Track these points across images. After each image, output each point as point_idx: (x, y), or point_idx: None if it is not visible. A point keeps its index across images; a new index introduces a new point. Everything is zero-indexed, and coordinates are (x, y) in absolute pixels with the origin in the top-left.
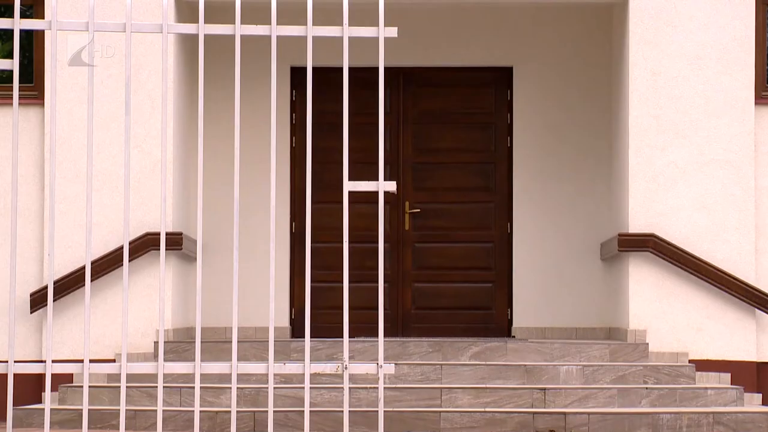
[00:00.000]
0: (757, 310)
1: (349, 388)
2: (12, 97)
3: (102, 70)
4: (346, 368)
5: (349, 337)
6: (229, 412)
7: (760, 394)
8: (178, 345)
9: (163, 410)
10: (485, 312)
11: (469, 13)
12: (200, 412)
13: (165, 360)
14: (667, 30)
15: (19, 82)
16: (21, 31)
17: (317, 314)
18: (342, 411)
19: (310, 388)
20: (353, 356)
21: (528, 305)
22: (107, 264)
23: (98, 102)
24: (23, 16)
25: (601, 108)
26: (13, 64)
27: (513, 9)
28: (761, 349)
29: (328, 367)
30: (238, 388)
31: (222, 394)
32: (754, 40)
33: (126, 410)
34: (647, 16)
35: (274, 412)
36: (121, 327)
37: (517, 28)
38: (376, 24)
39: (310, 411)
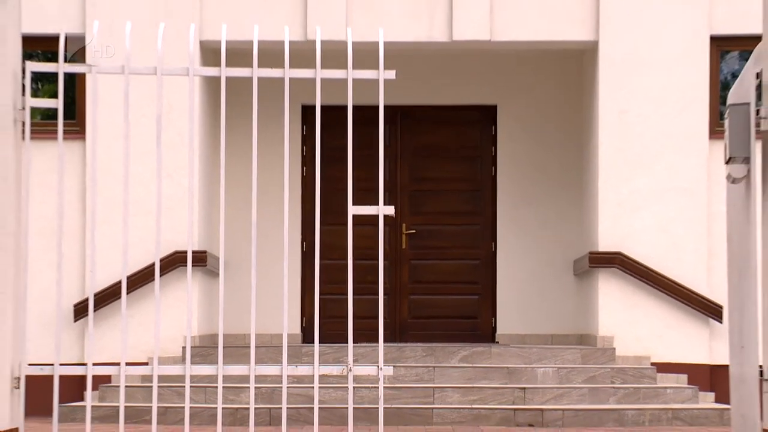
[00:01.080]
0: (710, 319)
1: (353, 387)
2: (57, 132)
3: (136, 110)
4: (350, 370)
5: (353, 342)
6: (248, 408)
7: (713, 393)
8: (204, 349)
9: (190, 407)
10: (472, 320)
11: (459, 57)
12: (222, 408)
13: (192, 363)
14: (632, 74)
15: (63, 119)
16: (64, 74)
17: (325, 323)
18: (347, 407)
19: (319, 387)
20: (356, 360)
21: (510, 315)
22: (141, 279)
23: (133, 138)
24: (66, 60)
25: (574, 142)
26: (58, 104)
27: (497, 54)
28: (714, 354)
29: (334, 370)
30: (255, 387)
31: (242, 393)
32: (709, 84)
33: (158, 407)
34: (614, 61)
35: (287, 408)
36: (153, 334)
37: (501, 71)
38: (377, 67)
39: (319, 407)
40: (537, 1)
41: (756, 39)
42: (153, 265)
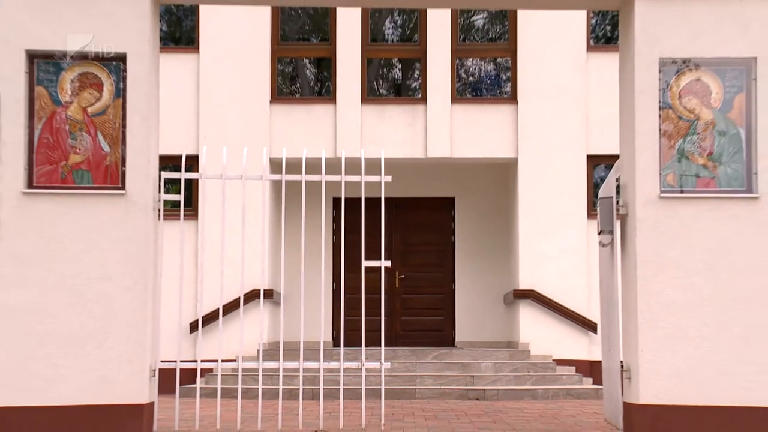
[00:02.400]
0: (589, 332)
1: (365, 375)
2: (179, 215)
3: (229, 200)
4: (363, 365)
5: (365, 346)
6: (299, 388)
7: (591, 378)
8: (270, 351)
9: (262, 388)
10: (440, 333)
11: (431, 167)
12: (282, 389)
13: (263, 360)
14: (539, 178)
15: (184, 207)
16: (184, 179)
17: (347, 334)
18: (360, 388)
19: (343, 375)
20: (367, 358)
21: (464, 329)
22: (232, 306)
23: (227, 218)
24: (186, 169)
25: (504, 220)
26: (181, 198)
27: (455, 164)
28: (591, 353)
29: (353, 365)
30: (303, 375)
31: (295, 379)
32: (586, 183)
33: (241, 388)
34: (528, 170)
35: (323, 388)
36: (239, 341)
37: (457, 175)
38: (380, 173)
39: (343, 388)
40: (479, 133)
41: (615, 157)
42: (239, 298)
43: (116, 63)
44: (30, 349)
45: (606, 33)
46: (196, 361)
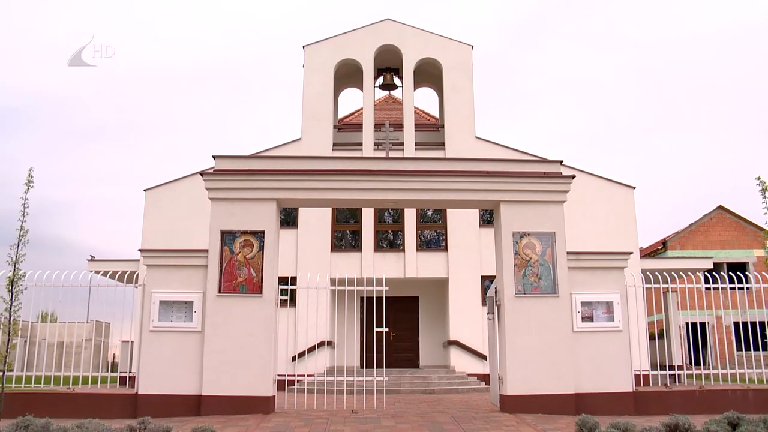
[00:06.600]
0: (483, 359)
1: (376, 382)
2: (287, 306)
3: (311, 299)
4: (375, 377)
5: (376, 368)
6: (343, 389)
7: (484, 382)
8: (330, 370)
9: (326, 389)
10: (412, 360)
11: (407, 281)
12: (336, 389)
13: (327, 376)
14: (458, 287)
15: (289, 301)
16: (290, 289)
17: (367, 362)
18: (374, 389)
19: (365, 382)
20: (377, 374)
21: (424, 359)
22: (311, 348)
23: (310, 306)
24: (291, 283)
25: (442, 306)
26: (287, 298)
27: (419, 280)
28: (485, 369)
29: (370, 378)
30: (346, 382)
31: (342, 384)
32: (481, 290)
33: (316, 388)
34: (453, 282)
35: (356, 389)
36: (315, 365)
37: (421, 286)
38: (382, 285)
39: (366, 389)
40: (430, 265)
41: (494, 276)
42: (315, 344)
43: (259, 234)
44: (220, 367)
45: (489, 218)
46: (294, 375)
